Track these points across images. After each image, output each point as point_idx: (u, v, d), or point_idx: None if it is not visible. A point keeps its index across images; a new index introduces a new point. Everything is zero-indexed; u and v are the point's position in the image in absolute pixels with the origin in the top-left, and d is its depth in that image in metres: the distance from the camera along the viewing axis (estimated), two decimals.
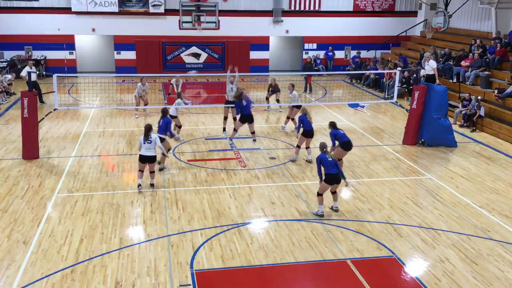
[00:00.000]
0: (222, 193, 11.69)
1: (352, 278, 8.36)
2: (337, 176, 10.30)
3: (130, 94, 23.29)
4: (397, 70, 17.38)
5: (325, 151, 10.44)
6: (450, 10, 21.17)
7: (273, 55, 29.64)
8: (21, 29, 26.21)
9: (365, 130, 17.47)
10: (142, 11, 26.86)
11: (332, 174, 10.24)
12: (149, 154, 11.35)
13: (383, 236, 9.76)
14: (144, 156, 11.35)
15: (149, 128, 11.41)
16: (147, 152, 11.32)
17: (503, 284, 8.26)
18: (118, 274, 8.29)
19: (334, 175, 10.25)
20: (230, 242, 9.40)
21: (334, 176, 10.25)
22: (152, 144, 11.33)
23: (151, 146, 11.32)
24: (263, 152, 14.72)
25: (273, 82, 19.22)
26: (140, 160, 11.44)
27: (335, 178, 10.27)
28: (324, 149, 10.47)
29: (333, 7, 28.67)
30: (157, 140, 11.50)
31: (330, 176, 10.25)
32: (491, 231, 10.10)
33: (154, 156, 11.49)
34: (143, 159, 11.38)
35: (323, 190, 10.45)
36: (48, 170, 13.00)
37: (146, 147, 11.30)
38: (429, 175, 13.19)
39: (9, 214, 10.43)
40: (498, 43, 20.88)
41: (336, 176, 10.28)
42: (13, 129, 16.54)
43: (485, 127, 17.51)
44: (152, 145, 11.34)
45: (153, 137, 11.37)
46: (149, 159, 11.42)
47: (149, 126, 11.46)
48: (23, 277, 8.14)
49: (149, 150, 11.33)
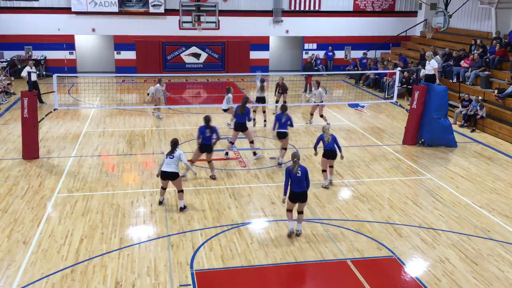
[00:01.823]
0: (222, 193, 11.69)
1: (352, 278, 8.36)
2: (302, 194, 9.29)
3: (130, 94, 23.34)
4: (397, 70, 17.38)
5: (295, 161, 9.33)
6: (450, 10, 21.16)
7: (273, 55, 29.64)
8: (21, 29, 26.21)
9: (365, 130, 17.46)
10: (142, 11, 26.86)
11: (295, 192, 9.27)
12: (169, 170, 10.32)
13: (383, 236, 9.76)
14: (164, 172, 10.39)
15: (176, 142, 10.49)
16: (167, 167, 10.32)
17: (503, 284, 8.26)
18: (118, 274, 8.29)
19: (297, 193, 9.27)
20: (230, 242, 9.40)
21: (296, 194, 9.29)
22: (174, 159, 10.34)
23: (172, 162, 10.33)
24: (263, 152, 14.71)
25: (280, 81, 18.76)
26: (161, 177, 10.57)
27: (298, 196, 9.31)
28: (294, 159, 9.35)
29: (333, 7, 28.67)
30: (182, 157, 10.47)
31: (292, 193, 9.32)
32: (491, 231, 10.10)
33: (176, 173, 10.41)
34: (163, 176, 10.45)
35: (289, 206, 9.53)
36: (48, 170, 13.00)
37: (167, 162, 10.34)
38: (429, 175, 13.19)
39: (9, 214, 10.43)
40: (498, 43, 20.87)
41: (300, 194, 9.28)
42: (13, 129, 16.54)
43: (485, 127, 17.51)
44: (174, 160, 10.34)
45: (177, 154, 10.38)
46: (170, 175, 10.37)
47: (176, 140, 10.54)
48: (23, 277, 8.14)
49: (169, 166, 10.32)
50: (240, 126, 13.75)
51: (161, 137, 16.05)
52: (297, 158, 9.32)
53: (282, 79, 18.91)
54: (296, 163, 9.25)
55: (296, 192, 9.26)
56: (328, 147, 11.82)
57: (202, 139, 11.99)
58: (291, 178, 9.24)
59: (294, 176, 9.21)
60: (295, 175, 9.20)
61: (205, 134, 11.97)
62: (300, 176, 9.20)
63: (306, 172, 9.34)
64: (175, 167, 10.35)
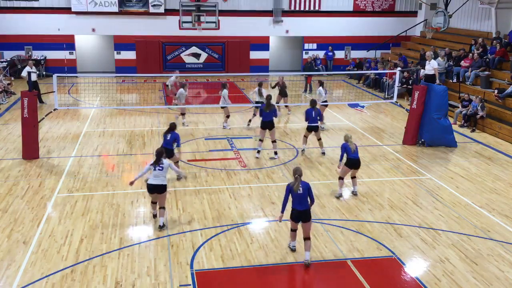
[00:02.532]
0: (222, 193, 11.69)
1: (352, 278, 8.36)
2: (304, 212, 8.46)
3: (130, 94, 23.35)
4: (397, 70, 17.38)
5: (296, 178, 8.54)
6: (450, 10, 21.16)
7: (273, 55, 29.64)
8: (21, 29, 26.22)
9: (365, 130, 17.46)
10: (142, 11, 26.86)
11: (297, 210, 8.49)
12: (156, 183, 9.52)
13: (383, 236, 9.76)
14: (150, 185, 9.56)
15: (161, 153, 9.73)
16: (155, 180, 9.50)
17: (503, 284, 8.26)
18: (118, 274, 8.29)
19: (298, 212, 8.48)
20: (230, 242, 9.40)
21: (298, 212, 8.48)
22: (164, 171, 9.56)
23: (161, 174, 9.51)
24: (263, 152, 14.71)
25: (280, 80, 18.74)
26: (147, 190, 9.76)
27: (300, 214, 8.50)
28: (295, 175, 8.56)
29: (333, 7, 28.67)
30: (172, 166, 9.86)
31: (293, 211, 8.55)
32: (491, 231, 10.10)
33: (164, 186, 9.62)
34: (150, 189, 9.63)
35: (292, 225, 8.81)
36: (48, 170, 13.00)
37: (154, 174, 9.51)
38: (429, 175, 13.19)
39: (9, 214, 10.43)
40: (498, 43, 20.87)
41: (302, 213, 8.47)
42: (13, 129, 16.54)
43: (485, 127, 17.51)
44: (163, 172, 9.55)
45: (165, 164, 9.61)
46: (157, 188, 9.57)
47: (161, 151, 9.83)
48: (23, 277, 8.14)
49: (157, 178, 9.51)
50: (266, 124, 13.94)
51: (161, 137, 16.04)
52: (298, 175, 8.49)
53: (282, 77, 18.92)
54: (297, 180, 8.46)
55: (298, 210, 8.46)
56: (352, 155, 11.11)
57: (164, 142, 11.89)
58: (292, 195, 8.52)
59: (295, 194, 8.48)
60: (296, 193, 8.48)
61: (166, 138, 11.83)
62: (301, 193, 8.43)
63: (309, 189, 8.52)
64: (163, 179, 9.58)
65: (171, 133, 11.88)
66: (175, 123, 12.20)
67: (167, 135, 11.88)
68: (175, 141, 11.89)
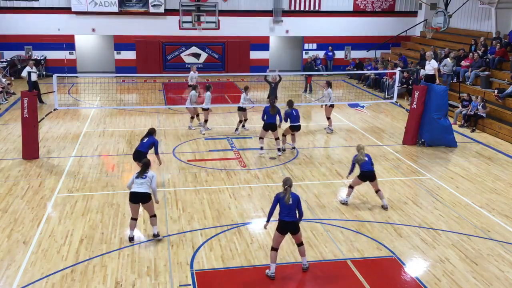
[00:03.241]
0: (222, 193, 11.69)
1: (352, 278, 8.36)
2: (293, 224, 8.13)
3: (130, 94, 23.36)
4: (397, 70, 17.38)
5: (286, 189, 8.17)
6: (450, 10, 21.17)
7: (273, 55, 29.64)
8: (21, 29, 26.22)
9: (365, 130, 17.46)
10: (142, 11, 26.87)
11: (285, 222, 8.10)
12: (141, 191, 9.00)
13: (383, 236, 9.76)
14: (134, 193, 9.02)
15: (148, 164, 9.31)
16: (139, 188, 9.01)
17: (503, 284, 8.26)
18: (118, 274, 8.29)
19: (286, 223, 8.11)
20: (230, 242, 9.40)
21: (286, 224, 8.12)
22: (147, 180, 9.07)
23: (144, 182, 9.04)
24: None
25: (274, 80, 18.14)
26: (130, 200, 9.12)
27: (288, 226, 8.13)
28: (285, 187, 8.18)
29: (333, 7, 28.68)
30: (154, 180, 9.15)
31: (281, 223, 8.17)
32: (491, 231, 10.10)
33: (149, 194, 9.10)
34: (134, 197, 9.05)
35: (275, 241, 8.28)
36: (48, 170, 13.01)
37: (138, 183, 9.05)
38: (429, 175, 13.19)
39: (9, 214, 10.43)
40: (498, 43, 20.87)
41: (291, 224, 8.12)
42: (13, 129, 16.54)
43: (485, 127, 17.51)
44: (147, 180, 9.07)
45: (149, 175, 9.11)
46: (142, 196, 9.03)
47: (148, 162, 9.39)
48: (23, 277, 8.14)
49: (141, 186, 9.03)
50: (270, 126, 14.10)
51: (161, 137, 16.05)
52: (288, 185, 8.13)
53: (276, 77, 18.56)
54: (287, 191, 8.10)
55: (285, 221, 8.07)
56: (365, 168, 10.70)
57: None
58: (280, 205, 8.13)
59: (284, 204, 8.10)
60: (286, 204, 8.09)
61: (143, 141, 11.57)
62: (291, 204, 8.07)
63: (298, 201, 8.18)
64: (146, 187, 9.05)
65: (149, 137, 11.56)
66: (154, 128, 11.89)
67: (145, 139, 11.57)
68: (151, 146, 11.49)
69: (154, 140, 11.65)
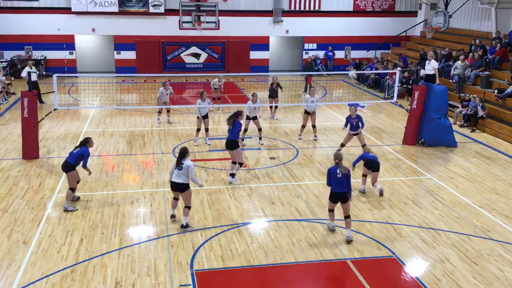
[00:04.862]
0: (222, 193, 11.69)
1: (352, 278, 8.36)
2: (343, 195, 9.34)
3: (130, 94, 23.36)
4: (397, 70, 17.38)
5: (337, 163, 9.37)
6: (450, 10, 21.18)
7: (273, 55, 29.65)
8: (21, 29, 26.23)
9: (365, 130, 17.36)
10: (142, 11, 26.87)
11: (336, 193, 9.37)
12: (178, 181, 9.64)
13: (383, 236, 9.76)
14: (173, 183, 9.72)
15: (184, 152, 9.72)
16: (177, 178, 9.64)
17: (503, 284, 8.25)
18: (118, 274, 8.29)
19: (338, 194, 9.35)
20: (230, 242, 9.40)
21: (338, 195, 9.36)
22: (183, 171, 9.61)
23: (181, 173, 9.63)
24: (263, 152, 14.72)
25: (274, 80, 18.19)
26: (171, 188, 9.93)
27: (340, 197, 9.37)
28: (336, 161, 9.40)
29: (333, 7, 28.68)
30: (190, 170, 9.61)
31: (334, 195, 9.43)
32: (491, 231, 10.10)
33: (184, 184, 9.66)
34: (172, 187, 9.81)
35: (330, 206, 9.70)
36: (48, 170, 13.00)
37: (176, 173, 9.66)
38: (429, 175, 13.19)
39: (9, 214, 10.43)
40: (498, 43, 20.87)
41: (342, 195, 9.35)
42: (13, 129, 16.54)
43: (485, 127, 17.51)
44: (183, 172, 9.61)
45: (185, 165, 9.60)
46: (179, 186, 9.68)
47: (184, 150, 9.77)
48: (23, 277, 8.14)
49: (178, 177, 9.64)
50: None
51: (161, 137, 16.05)
52: (339, 160, 9.38)
53: (276, 78, 18.53)
54: (339, 165, 9.32)
55: (336, 192, 9.36)
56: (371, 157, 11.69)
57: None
58: (332, 179, 9.37)
59: (335, 178, 9.31)
60: (336, 177, 9.29)
61: (72, 152, 10.67)
62: (341, 177, 9.27)
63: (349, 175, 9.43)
64: (184, 178, 9.64)
65: (80, 148, 10.64)
66: (89, 138, 10.95)
67: (75, 150, 10.68)
68: (81, 158, 10.52)
69: (85, 151, 10.59)
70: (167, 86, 17.15)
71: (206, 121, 15.15)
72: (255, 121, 15.23)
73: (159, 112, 17.85)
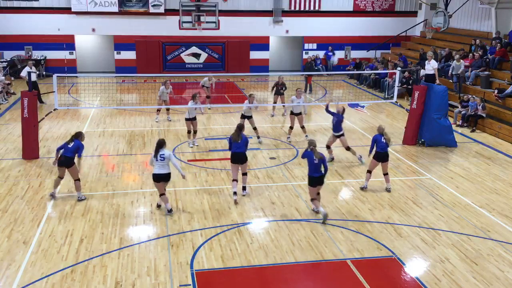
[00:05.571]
0: (222, 193, 11.69)
1: (352, 278, 8.36)
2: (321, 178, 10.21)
3: (130, 94, 23.36)
4: (397, 70, 17.37)
5: (312, 149, 10.15)
6: (450, 10, 21.17)
7: (273, 55, 29.65)
8: (21, 29, 26.23)
9: (365, 130, 17.46)
10: (142, 11, 26.87)
11: (315, 177, 10.20)
12: (163, 172, 10.16)
13: (383, 236, 9.76)
14: (157, 175, 10.17)
15: (161, 143, 10.20)
16: (160, 169, 10.13)
17: (503, 284, 8.26)
18: (118, 274, 8.29)
19: (317, 178, 10.20)
20: (230, 242, 9.40)
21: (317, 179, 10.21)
22: (166, 161, 10.13)
23: (164, 163, 10.13)
24: (263, 152, 14.72)
25: (280, 80, 18.69)
26: (154, 180, 10.30)
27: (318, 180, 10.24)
28: (311, 147, 10.17)
29: (333, 7, 28.68)
30: (172, 157, 10.19)
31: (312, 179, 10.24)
32: (491, 231, 10.10)
33: (170, 173, 10.27)
34: (157, 178, 10.22)
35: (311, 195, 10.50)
36: (48, 170, 13.00)
37: (158, 165, 10.14)
38: (429, 175, 13.19)
39: (9, 214, 10.43)
40: (498, 43, 20.87)
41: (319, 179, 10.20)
42: (13, 129, 16.54)
43: (485, 127, 17.51)
44: (165, 162, 10.14)
45: (166, 154, 10.13)
46: (164, 177, 10.22)
47: (161, 141, 10.25)
48: (23, 277, 8.14)
49: (162, 168, 10.15)
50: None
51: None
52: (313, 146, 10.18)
53: (282, 77, 18.87)
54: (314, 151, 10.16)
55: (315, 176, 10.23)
56: (380, 148, 11.69)
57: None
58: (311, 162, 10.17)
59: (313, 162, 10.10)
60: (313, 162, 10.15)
61: (67, 146, 10.84)
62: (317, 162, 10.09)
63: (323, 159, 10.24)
64: (168, 167, 10.20)
65: (74, 141, 10.89)
66: (81, 131, 11.28)
67: (70, 143, 10.87)
68: (77, 150, 10.88)
69: (79, 143, 10.95)
70: (168, 85, 17.50)
71: (195, 123, 15.02)
72: (250, 120, 15.24)
73: (158, 111, 18.02)
